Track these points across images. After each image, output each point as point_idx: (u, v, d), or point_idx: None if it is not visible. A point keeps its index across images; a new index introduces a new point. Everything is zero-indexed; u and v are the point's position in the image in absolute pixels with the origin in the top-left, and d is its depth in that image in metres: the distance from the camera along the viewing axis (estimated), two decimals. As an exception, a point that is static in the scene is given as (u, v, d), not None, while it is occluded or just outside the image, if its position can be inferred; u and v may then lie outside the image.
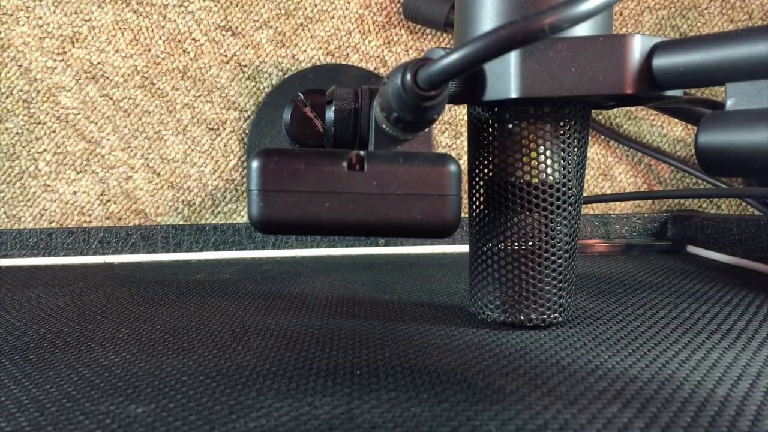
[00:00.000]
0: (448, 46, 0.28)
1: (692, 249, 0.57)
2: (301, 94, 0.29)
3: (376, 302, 0.35)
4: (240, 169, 0.63)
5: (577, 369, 0.24)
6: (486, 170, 0.29)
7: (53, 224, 0.61)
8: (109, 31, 0.60)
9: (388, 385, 0.22)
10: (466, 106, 0.31)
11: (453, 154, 0.66)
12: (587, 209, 0.63)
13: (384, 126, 0.26)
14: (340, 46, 0.64)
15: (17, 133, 0.59)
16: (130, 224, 0.60)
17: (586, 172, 0.64)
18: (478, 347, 0.26)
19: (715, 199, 0.66)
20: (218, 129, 0.63)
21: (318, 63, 0.64)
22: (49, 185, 0.60)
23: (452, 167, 0.25)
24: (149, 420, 0.19)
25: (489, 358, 0.25)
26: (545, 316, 0.29)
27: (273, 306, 0.35)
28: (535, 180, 0.28)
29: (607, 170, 0.67)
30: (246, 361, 0.25)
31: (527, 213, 0.28)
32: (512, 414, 0.20)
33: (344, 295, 0.37)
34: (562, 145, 0.28)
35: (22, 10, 0.58)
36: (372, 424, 0.19)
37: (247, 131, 0.64)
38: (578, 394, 0.21)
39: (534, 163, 0.28)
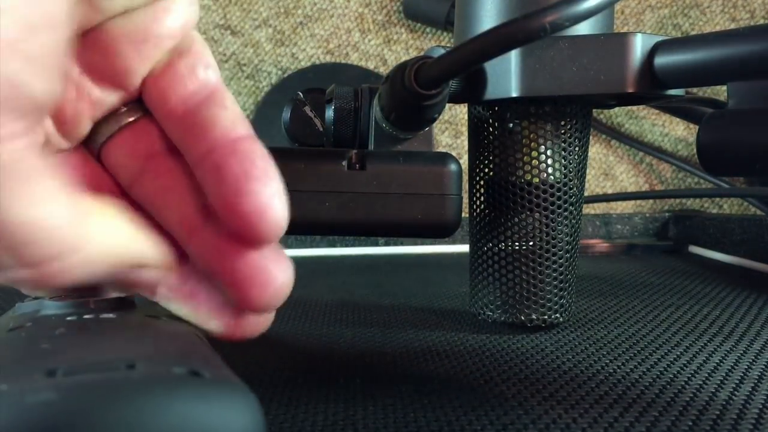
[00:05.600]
0: (448, 45, 0.28)
1: (694, 249, 0.57)
2: (300, 93, 0.29)
3: (376, 307, 0.35)
4: (239, 169, 0.63)
5: (577, 373, 0.23)
6: (486, 170, 0.29)
7: (52, 224, 0.61)
8: (108, 30, 0.60)
9: (388, 390, 0.22)
10: (466, 105, 0.30)
11: (453, 153, 0.66)
12: (588, 209, 0.63)
13: (384, 125, 0.26)
14: (339, 44, 0.64)
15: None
16: (129, 224, 0.60)
17: (587, 171, 0.64)
18: (478, 352, 0.26)
19: (717, 199, 0.65)
20: (218, 128, 0.63)
21: (317, 62, 0.64)
22: (47, 184, 0.59)
23: (452, 166, 0.25)
24: None
25: (489, 363, 0.25)
26: (546, 317, 0.29)
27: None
28: (536, 179, 0.28)
29: (608, 170, 0.66)
30: (245, 370, 0.25)
31: (528, 213, 0.28)
32: (513, 418, 0.19)
33: (344, 300, 0.37)
34: (563, 144, 0.28)
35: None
36: (372, 429, 0.19)
37: (246, 130, 0.63)
38: (579, 399, 0.21)
39: (535, 162, 0.28)
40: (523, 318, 0.29)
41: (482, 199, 0.29)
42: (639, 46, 0.24)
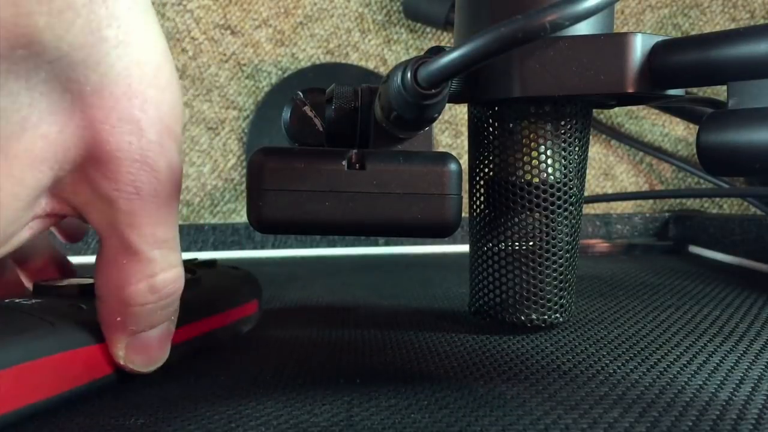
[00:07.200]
0: (448, 45, 0.28)
1: (694, 249, 0.57)
2: (300, 93, 0.29)
3: (375, 307, 0.35)
4: (239, 169, 0.63)
5: (578, 374, 0.23)
6: (486, 169, 0.29)
7: (52, 224, 0.61)
8: (108, 30, 0.60)
9: (388, 391, 0.22)
10: (466, 105, 0.30)
11: (453, 153, 0.66)
12: (588, 209, 0.63)
13: (384, 125, 0.26)
14: (339, 44, 0.64)
15: (15, 132, 0.59)
16: (129, 224, 0.60)
17: (588, 171, 0.64)
18: (478, 353, 0.26)
19: (717, 199, 0.65)
20: (217, 128, 0.63)
21: (317, 62, 0.64)
22: (47, 184, 0.59)
23: (452, 166, 0.24)
24: (150, 431, 0.19)
25: (489, 363, 0.25)
26: (546, 317, 0.29)
27: (272, 313, 0.34)
28: (536, 179, 0.28)
29: (608, 170, 0.66)
30: (245, 371, 0.25)
31: (528, 213, 0.28)
32: (513, 419, 0.19)
33: (344, 300, 0.37)
34: (563, 144, 0.28)
35: (20, 8, 0.58)
36: (372, 430, 0.19)
37: (246, 130, 0.63)
38: (579, 399, 0.21)
39: (535, 162, 0.28)
40: (523, 318, 0.29)
41: (482, 199, 0.29)
42: (639, 46, 0.24)
